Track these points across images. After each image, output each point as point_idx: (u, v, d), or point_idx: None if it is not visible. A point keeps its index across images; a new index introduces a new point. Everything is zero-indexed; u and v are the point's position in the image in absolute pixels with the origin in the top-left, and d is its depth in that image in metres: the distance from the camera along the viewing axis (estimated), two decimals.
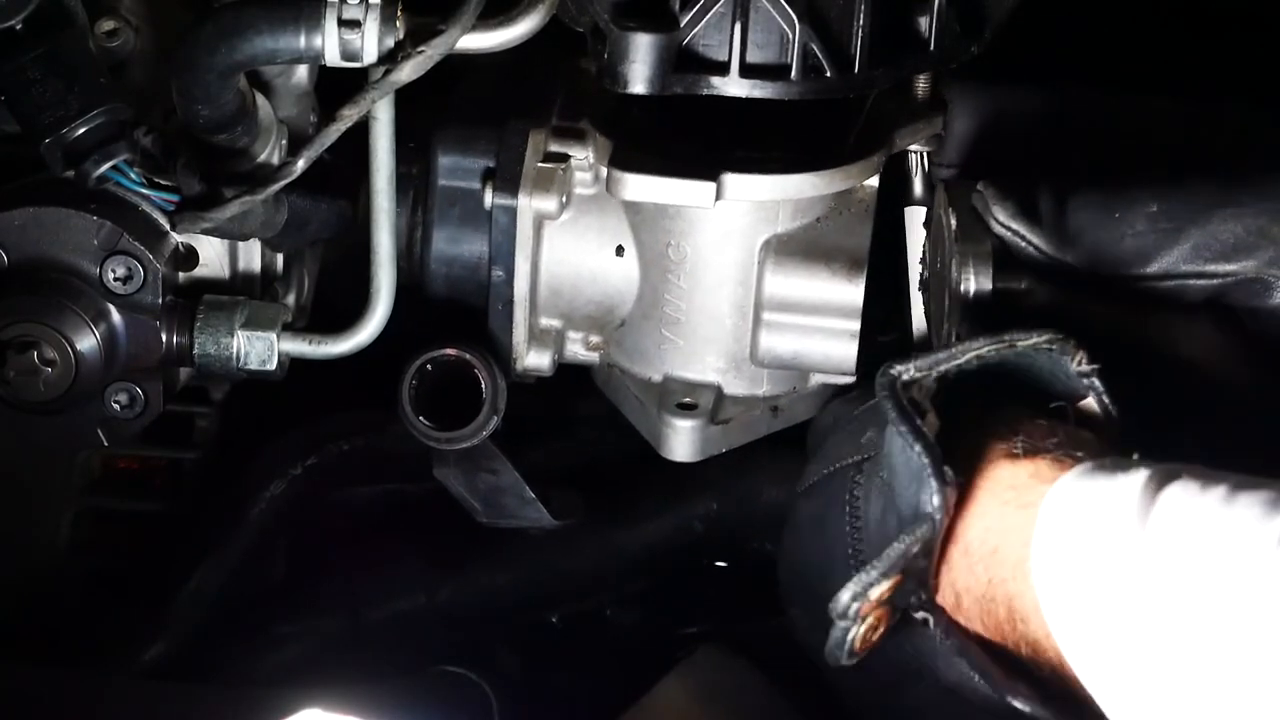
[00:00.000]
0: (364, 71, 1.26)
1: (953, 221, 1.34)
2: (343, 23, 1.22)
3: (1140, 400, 1.25)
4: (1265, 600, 0.96)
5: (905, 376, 1.17)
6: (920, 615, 1.13)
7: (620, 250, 1.43)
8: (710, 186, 1.34)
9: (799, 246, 1.40)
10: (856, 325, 1.39)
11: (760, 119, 1.34)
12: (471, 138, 1.43)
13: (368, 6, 1.23)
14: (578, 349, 1.48)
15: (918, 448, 1.12)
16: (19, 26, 1.24)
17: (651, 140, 1.38)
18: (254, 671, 1.51)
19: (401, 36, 1.24)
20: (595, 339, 1.48)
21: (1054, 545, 1.08)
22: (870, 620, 1.10)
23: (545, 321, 1.46)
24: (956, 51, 1.37)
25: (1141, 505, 1.04)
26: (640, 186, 1.35)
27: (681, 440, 1.42)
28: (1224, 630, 0.98)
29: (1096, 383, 1.20)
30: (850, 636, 1.09)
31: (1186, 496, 1.03)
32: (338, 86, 1.30)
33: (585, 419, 1.62)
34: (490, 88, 1.48)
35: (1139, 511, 1.04)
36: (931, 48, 1.34)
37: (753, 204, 1.38)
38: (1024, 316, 1.31)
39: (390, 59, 1.24)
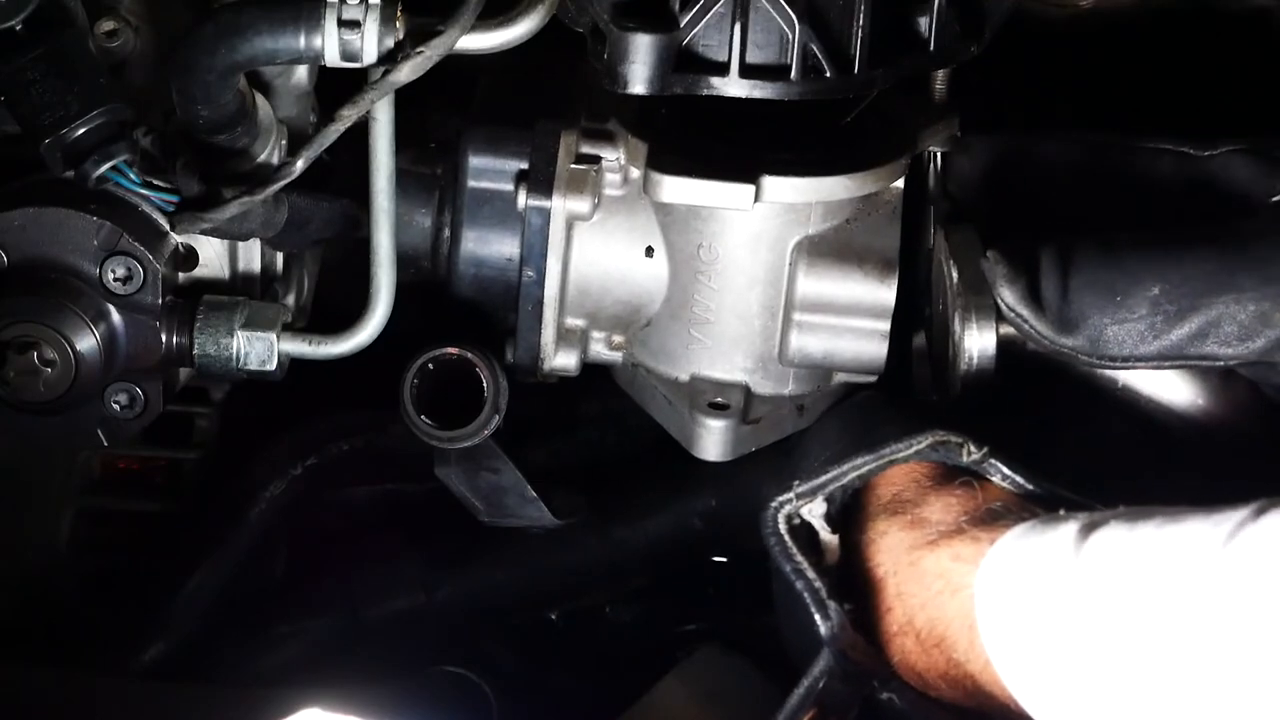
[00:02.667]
0: (364, 72, 1.26)
1: (954, 274, 1.36)
2: (342, 23, 1.22)
3: (1152, 457, 1.27)
4: (1221, 602, 0.96)
5: (788, 509, 1.24)
6: (885, 696, 1.16)
7: (650, 251, 1.44)
8: (749, 189, 1.34)
9: (831, 248, 1.40)
10: (887, 326, 1.40)
11: (794, 120, 1.34)
12: (501, 139, 1.43)
13: (367, 7, 1.23)
14: (600, 349, 1.48)
15: (799, 585, 1.18)
16: (19, 27, 1.24)
17: (683, 141, 1.38)
18: (254, 671, 1.51)
19: (401, 37, 1.24)
20: (618, 338, 1.48)
21: (1000, 621, 1.10)
22: None
23: (571, 321, 1.46)
24: (956, 51, 1.37)
25: (1075, 554, 1.05)
26: (679, 188, 1.35)
27: (714, 440, 1.42)
28: (1183, 642, 0.98)
29: (993, 465, 1.23)
30: None
31: (1117, 534, 1.04)
32: (338, 86, 1.30)
33: (586, 418, 1.62)
34: (512, 88, 1.48)
35: (1074, 560, 1.05)
36: (931, 48, 1.35)
37: (785, 205, 1.38)
38: (1029, 364, 1.35)
39: (390, 59, 1.24)
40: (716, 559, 1.61)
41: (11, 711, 1.38)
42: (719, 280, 1.42)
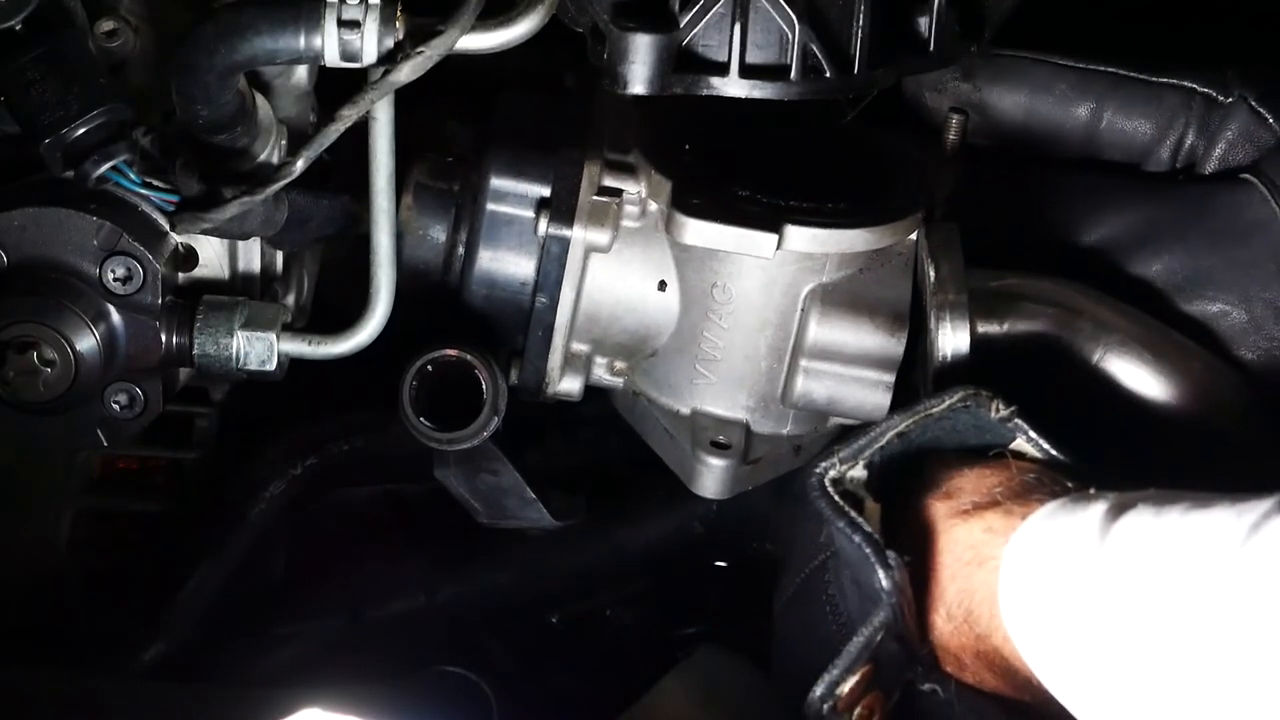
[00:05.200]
0: (364, 72, 1.26)
1: (931, 272, 1.36)
2: (342, 23, 1.22)
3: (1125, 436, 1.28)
4: (1239, 596, 0.97)
5: (833, 473, 1.23)
6: (928, 687, 1.16)
7: (663, 285, 1.43)
8: (772, 238, 1.34)
9: (844, 297, 1.40)
10: (892, 378, 1.40)
11: (817, 170, 1.36)
12: (525, 163, 1.43)
13: (367, 7, 1.23)
14: (602, 373, 1.48)
15: (857, 539, 1.17)
16: (19, 27, 1.25)
17: (707, 182, 1.38)
18: (254, 671, 1.51)
19: (401, 37, 1.24)
20: (620, 365, 1.48)
21: (1020, 595, 1.11)
22: (860, 711, 1.14)
23: (576, 346, 1.46)
24: (956, 52, 1.38)
25: (1101, 536, 1.06)
26: (701, 232, 1.35)
27: (714, 478, 1.42)
28: (1202, 631, 0.98)
29: (1020, 424, 1.24)
30: None
31: (1144, 520, 1.05)
32: (338, 86, 1.30)
33: (586, 420, 1.62)
34: (533, 107, 1.47)
35: (1099, 543, 1.06)
36: (931, 48, 1.35)
37: (803, 254, 1.38)
38: (1004, 359, 1.37)
39: (390, 59, 1.24)
40: (718, 563, 1.61)
41: (11, 711, 1.38)
42: (730, 320, 1.42)
